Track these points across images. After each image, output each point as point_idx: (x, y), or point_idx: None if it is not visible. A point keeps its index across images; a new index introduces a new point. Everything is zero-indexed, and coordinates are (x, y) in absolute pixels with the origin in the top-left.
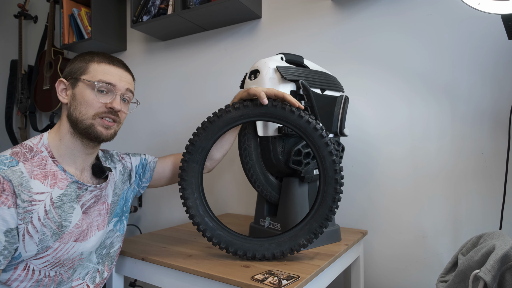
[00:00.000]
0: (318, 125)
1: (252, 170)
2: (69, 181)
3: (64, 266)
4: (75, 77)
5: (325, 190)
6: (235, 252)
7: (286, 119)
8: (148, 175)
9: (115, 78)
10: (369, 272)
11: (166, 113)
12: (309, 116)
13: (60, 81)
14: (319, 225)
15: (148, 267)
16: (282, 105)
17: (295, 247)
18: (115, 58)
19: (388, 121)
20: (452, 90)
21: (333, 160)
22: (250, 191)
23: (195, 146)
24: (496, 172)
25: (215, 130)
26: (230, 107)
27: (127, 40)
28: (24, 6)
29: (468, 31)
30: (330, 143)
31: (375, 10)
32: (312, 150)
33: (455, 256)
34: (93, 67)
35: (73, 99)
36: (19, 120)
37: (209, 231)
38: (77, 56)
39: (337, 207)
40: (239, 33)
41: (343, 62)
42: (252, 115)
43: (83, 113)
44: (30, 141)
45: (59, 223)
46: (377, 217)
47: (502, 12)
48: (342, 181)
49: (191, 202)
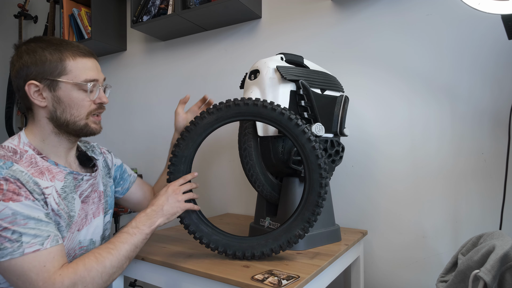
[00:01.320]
0: (290, 113)
1: (252, 170)
2: (65, 173)
3: (69, 256)
4: (52, 79)
5: (310, 177)
6: (234, 254)
7: (260, 115)
8: (126, 186)
9: (96, 72)
10: (369, 272)
11: (166, 113)
12: (282, 108)
13: (30, 84)
14: (311, 212)
15: (148, 267)
16: (254, 102)
17: (291, 239)
18: (82, 46)
19: (388, 121)
20: (452, 90)
21: (313, 146)
22: (250, 191)
23: (177, 157)
24: (496, 172)
25: (194, 137)
26: (204, 113)
27: (127, 40)
28: (24, 6)
29: (468, 31)
30: (307, 129)
31: (375, 10)
32: (288, 137)
33: (455, 256)
34: (71, 65)
35: (58, 102)
36: (19, 120)
37: (205, 238)
38: (35, 49)
39: (326, 192)
40: (239, 33)
41: (343, 62)
42: (226, 116)
43: (76, 115)
44: (9, 143)
45: (68, 214)
46: (377, 217)
47: (502, 12)
48: (325, 166)
49: (183, 212)
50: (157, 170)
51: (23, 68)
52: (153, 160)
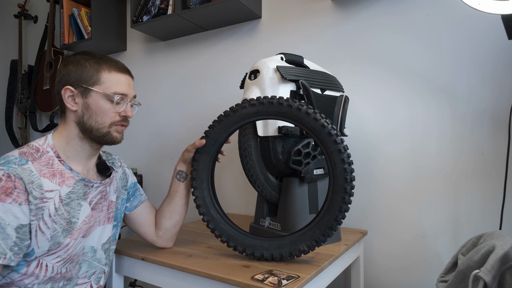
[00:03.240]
0: (333, 130)
1: (252, 170)
2: (76, 179)
3: (73, 262)
4: (86, 86)
5: (332, 198)
6: (235, 247)
7: (301, 120)
8: (135, 204)
9: (126, 88)
10: (369, 272)
11: (166, 113)
12: (324, 120)
13: (66, 88)
14: (322, 233)
15: (148, 267)
16: (298, 106)
17: (294, 252)
18: (120, 63)
19: (388, 121)
20: (452, 90)
21: (345, 168)
22: (250, 191)
23: (208, 138)
24: (496, 172)
25: (229, 124)
26: (246, 103)
27: (127, 40)
28: (24, 6)
29: (468, 31)
30: (344, 150)
31: (375, 10)
32: (324, 154)
33: (455, 256)
34: (105, 77)
35: (86, 108)
36: (19, 120)
37: (212, 223)
38: (79, 60)
39: (343, 217)
40: (239, 33)
41: (343, 62)
42: (267, 112)
43: (100, 122)
44: (36, 142)
45: (68, 220)
46: (377, 217)
47: (502, 12)
48: (352, 191)
49: (199, 192)
50: (158, 170)
51: (65, 75)
52: (153, 160)
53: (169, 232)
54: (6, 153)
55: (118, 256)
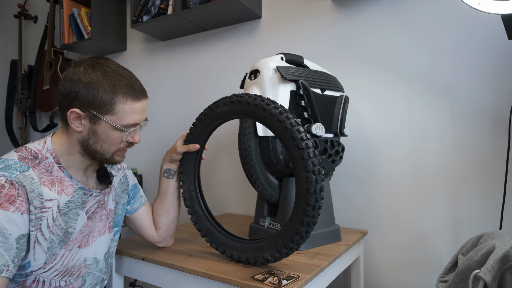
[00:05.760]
0: (298, 133)
1: (252, 170)
2: (75, 187)
3: (72, 274)
4: (96, 113)
5: (296, 209)
6: (211, 243)
7: (267, 121)
8: (135, 206)
9: (139, 116)
10: (369, 272)
11: (166, 113)
12: (290, 121)
13: (72, 111)
14: (283, 245)
15: (148, 267)
16: (263, 106)
17: (258, 259)
18: (137, 86)
19: (388, 121)
20: (452, 90)
21: (307, 177)
22: (250, 191)
23: (193, 136)
24: (496, 172)
25: (208, 123)
26: (221, 102)
27: (127, 40)
28: (24, 6)
29: (468, 31)
30: (308, 156)
31: (375, 11)
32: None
33: (455, 256)
34: (119, 108)
35: (93, 134)
36: (19, 120)
37: (195, 216)
38: (93, 81)
39: (307, 231)
40: (239, 33)
41: (343, 62)
42: (236, 112)
43: (106, 148)
44: (34, 146)
45: (65, 230)
46: (377, 217)
47: (502, 12)
48: (317, 204)
49: (186, 186)
50: (158, 170)
51: (73, 91)
52: (153, 160)
53: (170, 229)
54: (6, 153)
55: (118, 256)
